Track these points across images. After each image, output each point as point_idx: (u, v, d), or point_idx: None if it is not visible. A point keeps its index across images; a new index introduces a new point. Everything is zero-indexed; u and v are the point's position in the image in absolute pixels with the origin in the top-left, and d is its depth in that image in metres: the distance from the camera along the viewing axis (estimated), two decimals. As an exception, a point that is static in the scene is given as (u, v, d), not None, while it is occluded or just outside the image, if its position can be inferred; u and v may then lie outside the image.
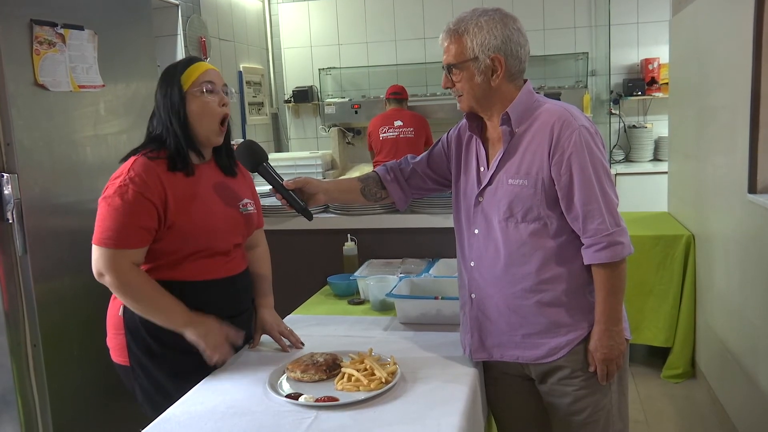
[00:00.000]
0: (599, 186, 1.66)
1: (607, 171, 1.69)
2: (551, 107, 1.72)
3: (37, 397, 2.31)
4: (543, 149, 1.68)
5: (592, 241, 1.67)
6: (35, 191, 2.30)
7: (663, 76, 5.51)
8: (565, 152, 1.65)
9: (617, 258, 1.66)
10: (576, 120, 1.67)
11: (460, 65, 1.70)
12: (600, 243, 1.66)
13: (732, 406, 3.10)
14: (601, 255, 1.66)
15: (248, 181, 2.10)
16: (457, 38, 1.69)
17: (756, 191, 2.69)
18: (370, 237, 2.88)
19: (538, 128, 1.70)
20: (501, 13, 1.70)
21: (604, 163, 1.69)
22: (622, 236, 1.67)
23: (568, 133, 1.65)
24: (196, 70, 1.87)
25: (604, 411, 1.79)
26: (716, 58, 3.22)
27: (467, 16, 1.70)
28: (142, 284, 1.79)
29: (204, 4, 5.13)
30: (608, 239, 1.65)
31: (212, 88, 1.87)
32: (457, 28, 1.69)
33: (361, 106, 6.04)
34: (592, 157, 1.65)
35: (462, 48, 1.69)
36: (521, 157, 1.71)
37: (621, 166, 5.55)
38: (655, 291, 3.73)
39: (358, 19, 6.26)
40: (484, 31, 1.66)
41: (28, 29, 2.28)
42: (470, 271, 1.83)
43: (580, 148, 1.65)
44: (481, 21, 1.67)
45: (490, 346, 1.82)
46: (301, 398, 1.60)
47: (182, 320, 1.80)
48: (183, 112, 1.84)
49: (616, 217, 1.68)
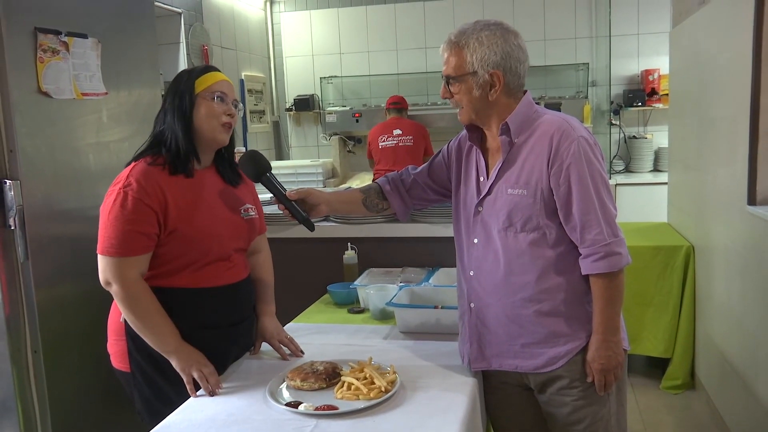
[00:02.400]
0: (597, 197, 1.67)
1: (605, 182, 1.70)
2: (551, 118, 1.73)
3: (37, 403, 2.31)
4: (542, 159, 1.68)
5: (589, 251, 1.67)
6: (37, 198, 2.30)
7: (663, 87, 5.53)
8: (564, 162, 1.66)
9: (614, 268, 1.67)
10: (575, 131, 1.68)
11: (459, 78, 1.71)
12: (597, 253, 1.66)
13: (731, 417, 3.09)
14: (599, 265, 1.67)
15: (250, 187, 2.11)
16: (458, 51, 1.70)
17: (756, 203, 2.70)
18: (370, 246, 2.88)
19: (538, 138, 1.70)
20: (503, 28, 1.71)
21: (602, 174, 1.70)
22: (619, 246, 1.67)
23: (567, 144, 1.66)
24: (212, 77, 1.90)
25: (603, 421, 1.79)
26: (716, 70, 3.24)
27: (469, 29, 1.71)
28: (146, 301, 1.79)
29: (206, 12, 5.16)
30: (605, 249, 1.66)
31: (223, 97, 1.90)
32: (458, 41, 1.70)
33: (362, 114, 6.06)
34: (590, 167, 1.66)
35: (462, 61, 1.70)
36: (521, 167, 1.72)
37: (621, 177, 5.56)
38: (654, 301, 3.73)
39: (359, 29, 6.29)
40: (484, 47, 1.67)
41: (32, 37, 2.29)
42: (469, 280, 1.83)
43: (579, 158, 1.65)
44: (482, 36, 1.68)
45: (489, 355, 1.82)
46: (301, 407, 1.60)
47: (172, 346, 1.80)
48: (190, 114, 1.86)
49: (614, 227, 1.68)
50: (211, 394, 1.74)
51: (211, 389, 1.74)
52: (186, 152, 1.87)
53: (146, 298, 1.79)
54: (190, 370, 1.77)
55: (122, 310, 1.81)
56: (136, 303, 1.79)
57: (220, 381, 1.78)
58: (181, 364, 1.78)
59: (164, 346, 1.80)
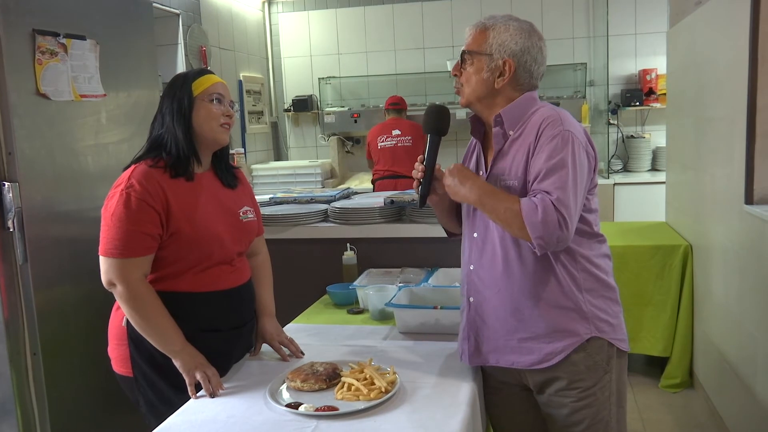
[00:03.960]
0: (573, 173, 1.59)
1: (583, 175, 1.63)
2: (544, 111, 1.72)
3: (36, 406, 2.31)
4: (529, 149, 1.67)
5: (532, 195, 1.60)
6: (36, 200, 2.30)
7: (661, 86, 5.54)
8: (542, 144, 1.63)
9: (535, 224, 1.55)
10: (563, 124, 1.65)
11: (474, 54, 1.74)
12: (536, 196, 1.58)
13: (730, 415, 3.10)
14: (528, 204, 1.57)
15: (247, 189, 2.12)
16: (483, 30, 1.75)
17: (753, 202, 2.70)
18: (369, 246, 2.89)
19: (528, 130, 1.70)
20: (531, 27, 1.76)
21: (583, 166, 1.63)
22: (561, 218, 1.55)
23: (550, 132, 1.63)
24: (208, 80, 1.92)
25: (603, 423, 1.79)
26: (713, 70, 3.25)
27: (500, 16, 1.77)
28: (150, 301, 1.79)
29: (205, 13, 5.16)
30: (550, 198, 1.55)
31: (220, 99, 1.92)
32: (487, 22, 1.76)
33: (361, 115, 6.05)
34: (572, 151, 1.60)
35: (483, 40, 1.74)
36: (512, 159, 1.72)
37: (619, 176, 5.57)
38: (653, 301, 3.74)
39: (358, 29, 6.29)
40: (508, 34, 1.72)
41: (31, 39, 2.30)
42: (469, 274, 1.84)
43: (559, 142, 1.61)
44: (510, 25, 1.74)
45: (487, 351, 1.82)
46: (301, 407, 1.60)
47: (177, 346, 1.80)
48: (189, 117, 1.88)
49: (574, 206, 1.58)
50: (212, 396, 1.74)
51: (213, 390, 1.75)
52: (187, 155, 1.88)
53: (150, 298, 1.79)
54: (194, 371, 1.78)
55: (126, 312, 1.81)
56: (141, 303, 1.78)
57: (222, 383, 1.79)
58: (186, 365, 1.79)
59: (169, 346, 1.80)
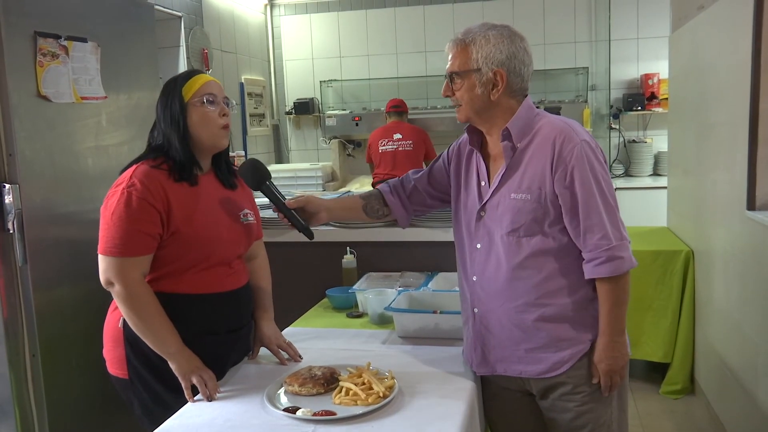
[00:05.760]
0: (602, 199, 1.66)
1: (609, 184, 1.70)
2: (552, 121, 1.73)
3: (34, 407, 2.31)
4: (545, 164, 1.68)
5: (591, 256, 1.67)
6: (36, 201, 2.30)
7: (663, 91, 5.53)
8: (568, 166, 1.66)
9: (617, 272, 1.66)
10: (577, 135, 1.68)
11: (463, 74, 1.72)
12: (599, 258, 1.66)
13: (731, 422, 3.09)
14: (601, 269, 1.66)
15: (248, 192, 2.11)
16: (464, 48, 1.72)
17: (755, 208, 2.70)
18: (369, 250, 2.88)
19: (540, 143, 1.71)
20: (510, 30, 1.73)
21: (606, 176, 1.70)
22: (622, 251, 1.67)
23: (570, 148, 1.66)
24: (197, 81, 1.88)
25: (605, 427, 1.78)
26: (715, 75, 3.24)
27: (476, 28, 1.73)
28: (148, 301, 1.78)
29: (206, 16, 5.16)
30: (608, 254, 1.65)
31: (213, 99, 1.88)
32: (465, 38, 1.72)
33: (362, 118, 6.06)
34: (593, 171, 1.66)
35: (467, 58, 1.71)
36: (523, 172, 1.72)
37: (621, 181, 5.56)
38: (654, 306, 3.73)
39: (359, 32, 6.29)
40: (490, 45, 1.69)
41: (32, 41, 2.30)
42: (472, 285, 1.83)
43: (582, 162, 1.66)
44: (489, 35, 1.70)
45: (494, 360, 1.82)
46: (299, 412, 1.59)
47: (173, 348, 1.79)
48: (183, 123, 1.85)
49: (619, 229, 1.68)
50: (209, 399, 1.73)
51: (209, 394, 1.74)
52: (187, 162, 1.86)
53: (149, 298, 1.79)
54: (190, 375, 1.77)
55: (123, 311, 1.80)
56: (139, 303, 1.77)
57: (218, 386, 1.78)
58: (181, 368, 1.78)
59: (165, 348, 1.79)
